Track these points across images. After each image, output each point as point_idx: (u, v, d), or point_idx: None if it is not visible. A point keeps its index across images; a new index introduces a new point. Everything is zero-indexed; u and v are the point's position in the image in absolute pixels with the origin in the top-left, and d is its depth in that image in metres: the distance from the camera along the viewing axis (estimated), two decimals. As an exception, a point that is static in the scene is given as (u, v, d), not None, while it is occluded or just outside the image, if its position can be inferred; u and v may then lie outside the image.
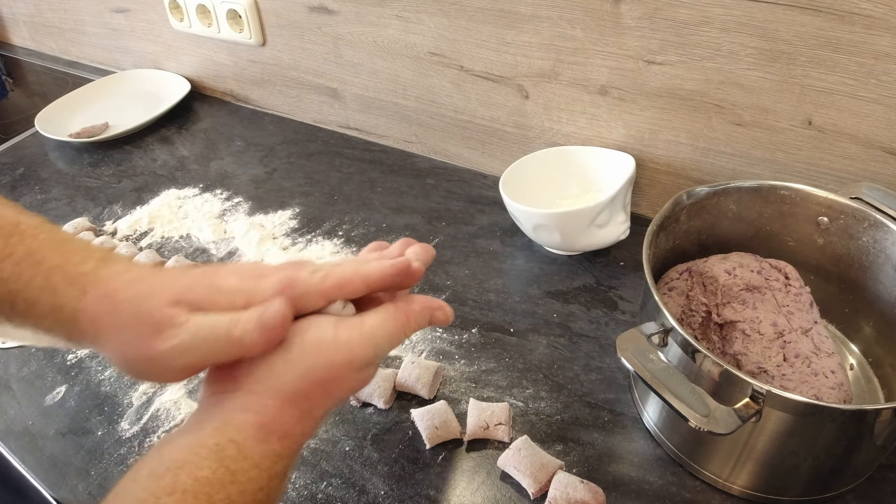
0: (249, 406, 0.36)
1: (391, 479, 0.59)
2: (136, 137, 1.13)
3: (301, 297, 0.38)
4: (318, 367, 0.37)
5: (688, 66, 0.72)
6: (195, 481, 0.32)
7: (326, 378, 0.37)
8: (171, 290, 0.37)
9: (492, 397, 0.65)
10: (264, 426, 0.35)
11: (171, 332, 0.35)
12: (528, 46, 0.81)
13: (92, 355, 0.73)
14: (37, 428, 0.66)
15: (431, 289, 0.78)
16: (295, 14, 1.01)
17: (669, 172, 0.81)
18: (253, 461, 0.34)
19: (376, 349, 0.38)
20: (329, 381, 0.37)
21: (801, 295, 0.61)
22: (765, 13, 0.64)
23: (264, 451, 0.35)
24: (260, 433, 0.35)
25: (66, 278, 0.37)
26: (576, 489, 0.54)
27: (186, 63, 1.24)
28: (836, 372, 0.55)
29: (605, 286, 0.77)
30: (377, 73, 0.99)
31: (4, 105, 1.34)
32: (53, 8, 1.37)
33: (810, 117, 0.68)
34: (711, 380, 0.49)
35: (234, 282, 0.38)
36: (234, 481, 0.33)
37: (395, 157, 1.04)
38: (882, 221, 0.58)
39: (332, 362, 0.37)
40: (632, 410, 0.63)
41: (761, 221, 0.65)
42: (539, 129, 0.88)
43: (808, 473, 0.52)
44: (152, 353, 0.35)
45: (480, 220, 0.89)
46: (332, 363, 0.37)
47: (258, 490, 0.34)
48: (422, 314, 0.41)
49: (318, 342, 0.37)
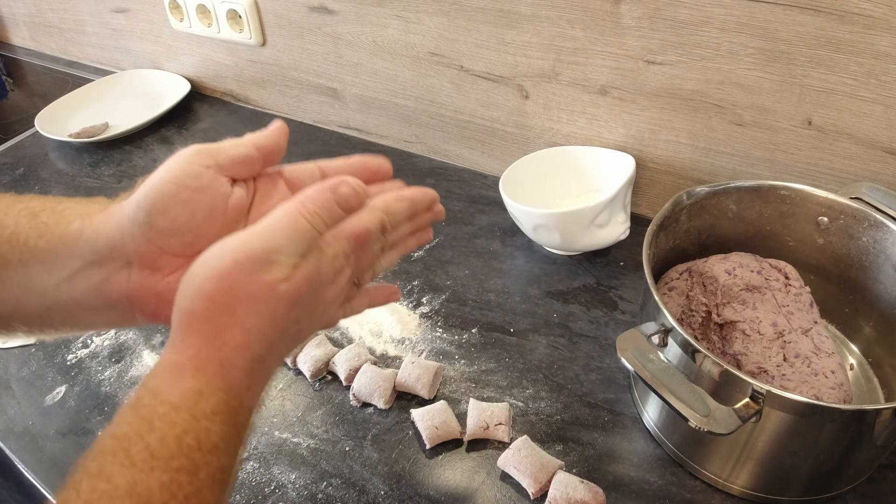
0: (168, 343, 0.33)
1: (391, 479, 0.59)
2: (136, 137, 1.13)
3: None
4: (207, 279, 0.33)
5: (688, 66, 0.72)
6: (113, 439, 0.30)
7: (218, 290, 0.32)
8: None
9: (492, 397, 0.65)
10: (174, 362, 0.32)
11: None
12: (528, 46, 0.81)
13: (92, 355, 0.73)
14: (37, 428, 0.66)
15: (432, 289, 0.78)
16: (295, 14, 1.01)
17: (669, 172, 0.81)
18: (171, 403, 0.31)
19: (265, 242, 0.33)
20: (224, 293, 0.33)
21: (801, 295, 0.61)
22: (765, 13, 0.64)
23: (182, 390, 0.31)
24: (172, 372, 0.32)
25: (103, 203, 0.39)
26: (576, 489, 0.54)
27: (186, 63, 1.24)
28: (836, 372, 0.55)
29: (605, 286, 0.77)
30: (377, 73, 0.99)
31: (4, 105, 1.34)
32: (53, 8, 1.37)
33: (810, 117, 0.68)
34: (711, 380, 0.49)
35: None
36: (151, 429, 0.30)
37: (395, 157, 1.02)
38: (882, 221, 0.58)
39: (219, 269, 0.33)
40: (632, 410, 0.63)
41: (761, 221, 0.65)
42: (539, 129, 0.88)
43: (808, 473, 0.52)
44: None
45: (480, 220, 0.89)
46: (219, 270, 0.33)
47: (183, 434, 0.30)
48: (320, 194, 0.35)
49: (207, 253, 0.34)
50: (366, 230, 0.37)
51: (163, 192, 0.37)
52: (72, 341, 0.75)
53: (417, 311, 0.76)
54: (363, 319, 0.75)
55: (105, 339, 0.75)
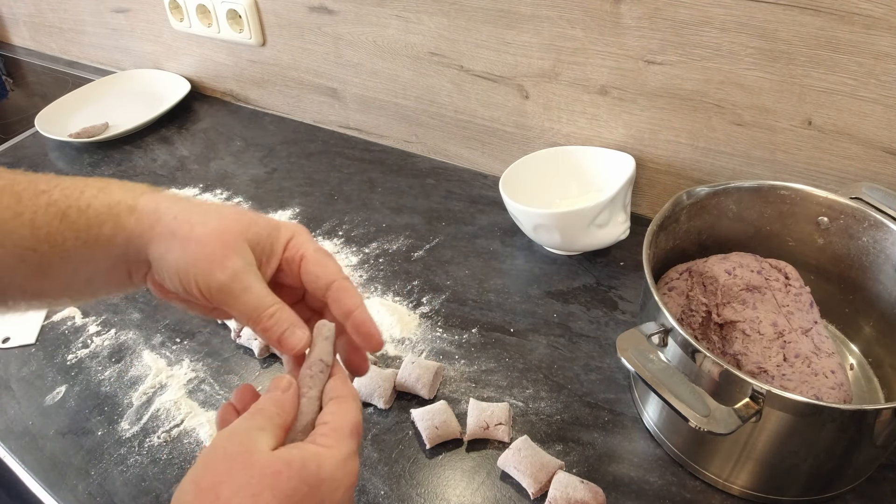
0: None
1: (391, 479, 0.59)
2: (136, 137, 1.13)
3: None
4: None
5: (688, 66, 0.72)
6: None
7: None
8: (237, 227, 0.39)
9: (492, 397, 0.65)
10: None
11: (230, 265, 0.37)
12: (528, 46, 0.81)
13: (92, 355, 0.73)
14: (37, 428, 0.66)
15: (432, 289, 0.78)
16: (295, 14, 1.01)
17: (669, 172, 0.81)
18: None
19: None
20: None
21: (801, 295, 0.61)
22: (765, 13, 0.64)
23: None
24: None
25: (121, 188, 0.39)
26: (576, 489, 0.54)
27: (186, 63, 1.24)
28: (836, 372, 0.55)
29: (605, 286, 0.77)
30: (377, 73, 0.99)
31: (4, 105, 1.34)
32: (53, 8, 1.37)
33: (810, 117, 0.68)
34: (711, 380, 0.49)
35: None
36: None
37: (395, 157, 1.04)
38: (882, 221, 0.58)
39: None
40: (632, 410, 0.63)
41: (761, 221, 0.65)
42: (539, 129, 0.88)
43: (808, 473, 0.52)
44: (204, 264, 0.37)
45: (480, 220, 0.89)
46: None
47: None
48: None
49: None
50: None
51: (173, 284, 0.39)
52: (72, 341, 0.75)
53: (417, 311, 0.76)
54: (363, 319, 0.75)
55: (105, 339, 0.75)
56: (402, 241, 0.86)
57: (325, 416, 0.36)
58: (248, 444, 0.33)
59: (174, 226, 0.38)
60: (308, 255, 0.41)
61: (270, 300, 0.38)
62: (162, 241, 0.38)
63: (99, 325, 0.77)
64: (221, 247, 0.37)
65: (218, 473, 0.32)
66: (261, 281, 0.39)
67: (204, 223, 0.38)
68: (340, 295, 0.40)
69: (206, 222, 0.38)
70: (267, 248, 0.40)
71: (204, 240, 0.37)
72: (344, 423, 0.36)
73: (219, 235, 0.38)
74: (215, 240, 0.37)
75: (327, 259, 0.41)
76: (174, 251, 0.37)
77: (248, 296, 0.37)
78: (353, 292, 0.41)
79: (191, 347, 0.73)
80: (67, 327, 0.78)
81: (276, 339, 0.38)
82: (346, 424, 0.36)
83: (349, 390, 0.38)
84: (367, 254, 0.85)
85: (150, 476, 0.60)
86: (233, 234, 0.38)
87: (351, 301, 0.40)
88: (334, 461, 0.34)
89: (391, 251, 0.85)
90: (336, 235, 0.88)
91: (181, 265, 0.37)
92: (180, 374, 0.70)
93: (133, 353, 0.73)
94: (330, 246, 0.86)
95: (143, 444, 0.63)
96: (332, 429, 0.35)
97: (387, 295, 0.78)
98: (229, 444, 0.33)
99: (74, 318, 0.79)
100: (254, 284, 0.38)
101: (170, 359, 0.72)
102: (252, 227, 0.39)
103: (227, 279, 0.37)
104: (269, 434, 0.34)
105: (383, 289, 0.79)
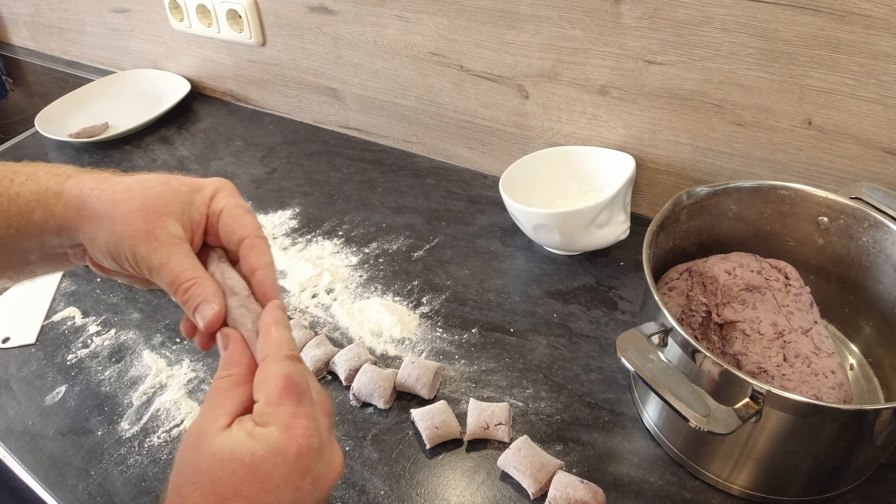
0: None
1: (391, 479, 0.59)
2: (136, 137, 1.13)
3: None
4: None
5: (688, 66, 0.72)
6: None
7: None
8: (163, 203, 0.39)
9: (492, 397, 0.65)
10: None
11: (153, 240, 0.38)
12: (528, 46, 0.81)
13: (92, 355, 0.73)
14: (37, 428, 0.66)
15: (432, 289, 0.78)
16: (295, 14, 1.01)
17: (669, 172, 0.81)
18: None
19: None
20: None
21: (801, 295, 0.61)
22: (765, 13, 0.64)
23: None
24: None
25: (47, 174, 0.41)
26: (576, 489, 0.54)
27: (186, 63, 1.24)
28: (836, 372, 0.55)
29: (605, 286, 0.77)
30: (377, 73, 0.99)
31: (4, 105, 1.34)
32: (53, 8, 1.37)
33: (810, 117, 0.68)
34: (711, 380, 0.49)
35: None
36: None
37: (395, 157, 1.04)
38: (882, 221, 0.58)
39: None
40: (632, 410, 0.63)
41: (761, 221, 0.65)
42: (539, 129, 0.88)
43: (808, 473, 0.52)
44: (130, 241, 0.38)
45: (480, 220, 0.89)
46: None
47: None
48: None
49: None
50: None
51: (107, 261, 0.40)
52: (72, 341, 0.75)
53: (417, 311, 0.76)
54: (363, 319, 0.75)
55: (105, 338, 0.75)
56: (402, 241, 0.86)
57: (256, 390, 0.36)
58: (200, 432, 0.34)
59: (98, 206, 0.39)
60: (227, 209, 0.41)
61: (188, 274, 0.38)
62: (90, 223, 0.39)
63: (99, 325, 0.77)
64: (145, 223, 0.38)
65: (177, 467, 0.34)
66: (182, 254, 0.39)
67: (129, 200, 0.39)
68: (249, 252, 0.40)
69: (131, 198, 0.39)
70: (195, 215, 0.41)
71: (128, 217, 0.38)
72: (270, 390, 0.35)
73: (143, 213, 0.38)
74: (138, 217, 0.38)
75: (246, 215, 0.41)
76: (103, 231, 0.38)
77: (165, 270, 0.38)
78: (263, 250, 0.41)
79: (191, 347, 0.73)
80: (67, 327, 0.78)
81: (192, 312, 0.38)
82: (273, 391, 0.35)
83: (271, 344, 0.37)
84: (367, 254, 0.85)
85: (150, 476, 0.60)
86: (156, 210, 0.39)
87: (257, 260, 0.40)
88: (270, 439, 0.33)
89: (391, 251, 0.85)
90: (336, 235, 0.88)
91: (111, 244, 0.38)
92: (180, 374, 0.70)
93: (133, 353, 0.73)
94: (330, 246, 0.87)
95: (143, 444, 0.63)
96: (265, 402, 0.35)
97: (387, 295, 0.78)
98: (188, 436, 0.34)
99: (74, 318, 0.79)
100: (172, 258, 0.38)
101: (170, 359, 0.72)
102: (176, 198, 0.40)
103: (146, 253, 0.38)
104: (223, 412, 0.35)
105: (383, 289, 0.79)
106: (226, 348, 0.37)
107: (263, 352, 0.37)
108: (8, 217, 0.39)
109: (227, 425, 0.34)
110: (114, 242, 0.38)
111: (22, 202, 0.39)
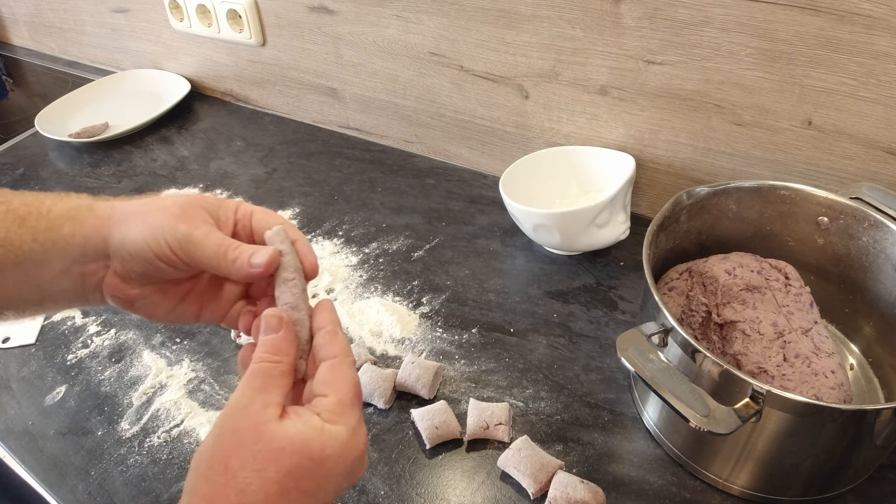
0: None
1: (391, 479, 0.59)
2: (136, 137, 1.13)
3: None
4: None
5: (688, 66, 0.72)
6: None
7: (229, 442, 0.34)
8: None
9: (492, 397, 0.65)
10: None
11: (190, 219, 0.40)
12: (528, 46, 0.81)
13: (92, 355, 0.73)
14: (37, 428, 0.66)
15: (432, 289, 0.78)
16: (295, 14, 1.01)
17: (669, 172, 0.81)
18: None
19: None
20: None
21: (801, 295, 0.61)
22: (765, 13, 0.64)
23: None
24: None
25: (78, 196, 0.42)
26: (576, 489, 0.54)
27: (186, 63, 1.24)
28: (836, 372, 0.55)
29: (605, 286, 0.77)
30: (377, 73, 0.99)
31: (4, 105, 1.34)
32: (53, 8, 1.37)
33: (810, 117, 0.68)
34: (711, 380, 0.49)
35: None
36: None
37: (395, 157, 1.04)
38: (882, 221, 0.58)
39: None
40: (632, 410, 0.63)
41: (761, 221, 0.65)
42: (539, 129, 0.88)
43: (808, 473, 0.52)
44: (170, 223, 0.39)
45: (480, 220, 0.89)
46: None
47: None
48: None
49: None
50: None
51: (140, 259, 0.40)
52: (72, 341, 0.75)
53: (417, 311, 0.76)
54: (363, 319, 0.75)
55: (105, 339, 0.75)
56: (402, 241, 0.86)
57: (323, 387, 0.37)
58: (255, 417, 0.34)
59: (130, 209, 0.41)
60: (257, 211, 0.44)
61: (232, 239, 0.41)
62: (121, 225, 0.40)
63: (99, 325, 0.77)
64: (181, 210, 0.40)
65: (227, 447, 0.33)
66: (219, 231, 0.41)
67: (160, 200, 0.41)
68: (288, 228, 0.43)
69: (162, 199, 0.42)
70: (223, 215, 0.43)
71: (163, 206, 0.40)
72: (344, 392, 0.37)
73: (178, 203, 0.41)
74: (174, 206, 0.40)
75: (275, 214, 0.45)
76: (136, 227, 0.39)
77: (211, 238, 0.40)
78: (295, 229, 0.44)
79: (191, 347, 0.73)
80: (67, 327, 0.78)
81: (247, 261, 0.39)
82: (346, 393, 0.37)
83: (339, 346, 0.38)
84: (367, 254, 0.85)
85: (150, 476, 0.60)
86: (190, 203, 0.41)
87: (295, 233, 0.43)
88: (340, 438, 0.35)
89: (391, 251, 0.85)
90: (336, 235, 0.88)
91: (147, 234, 0.39)
92: (180, 374, 0.70)
93: (133, 353, 0.73)
94: (330, 246, 0.86)
95: (143, 444, 0.63)
96: (337, 402, 0.36)
97: (387, 295, 0.78)
98: (238, 418, 0.34)
99: (74, 318, 0.79)
100: (215, 231, 0.41)
101: (170, 359, 0.72)
102: (205, 200, 0.42)
103: (189, 229, 0.39)
104: (274, 401, 0.35)
105: (383, 289, 0.79)
106: (276, 331, 0.38)
107: (332, 351, 0.38)
108: (35, 232, 0.40)
109: (280, 415, 0.35)
110: (150, 231, 0.39)
111: (54, 217, 0.40)
